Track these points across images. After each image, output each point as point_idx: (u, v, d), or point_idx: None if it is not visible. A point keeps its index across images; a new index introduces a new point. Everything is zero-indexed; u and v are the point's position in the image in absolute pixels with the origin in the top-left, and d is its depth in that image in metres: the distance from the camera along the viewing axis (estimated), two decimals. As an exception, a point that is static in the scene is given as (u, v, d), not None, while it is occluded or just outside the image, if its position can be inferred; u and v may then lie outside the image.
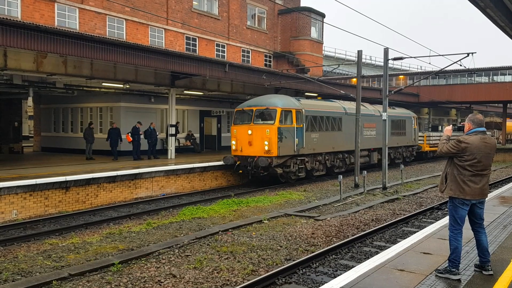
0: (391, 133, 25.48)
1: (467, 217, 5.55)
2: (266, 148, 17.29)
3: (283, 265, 7.82)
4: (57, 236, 10.62)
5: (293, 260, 8.16)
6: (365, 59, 62.17)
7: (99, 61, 16.10)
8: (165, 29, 26.19)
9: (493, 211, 9.64)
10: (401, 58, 18.21)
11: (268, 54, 34.05)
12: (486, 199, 5.64)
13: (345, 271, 6.86)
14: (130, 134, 20.00)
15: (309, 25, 34.50)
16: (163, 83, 20.18)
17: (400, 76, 46.83)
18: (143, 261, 8.27)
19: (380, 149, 24.45)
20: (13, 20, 12.93)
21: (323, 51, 39.30)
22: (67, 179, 13.53)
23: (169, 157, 20.79)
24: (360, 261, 8.09)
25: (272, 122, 17.52)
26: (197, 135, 26.66)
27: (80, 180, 13.94)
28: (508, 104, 41.20)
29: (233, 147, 18.43)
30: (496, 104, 52.84)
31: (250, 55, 32.51)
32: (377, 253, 8.24)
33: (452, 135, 5.62)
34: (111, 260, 8.11)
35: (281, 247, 9.18)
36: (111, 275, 7.49)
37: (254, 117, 18.00)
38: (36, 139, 26.99)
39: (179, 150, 23.75)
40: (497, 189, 15.45)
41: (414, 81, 36.93)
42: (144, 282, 7.18)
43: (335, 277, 6.69)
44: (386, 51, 17.82)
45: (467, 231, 5.70)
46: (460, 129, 5.75)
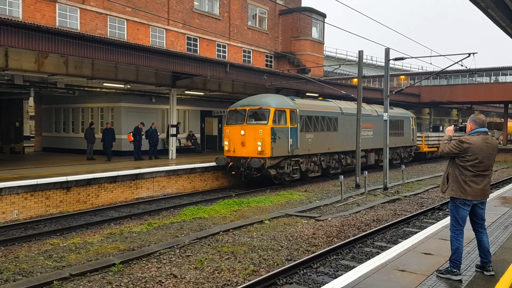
0: (388, 133, 25.28)
1: (468, 218, 5.54)
2: (259, 149, 16.91)
3: (284, 266, 7.81)
4: (58, 236, 10.63)
5: (294, 261, 8.15)
6: (366, 59, 62.13)
7: (100, 61, 16.12)
8: (166, 29, 26.21)
9: (494, 212, 9.62)
10: (402, 59, 18.20)
11: (269, 55, 34.05)
12: (487, 199, 5.63)
13: (346, 271, 6.85)
14: (132, 134, 20.01)
15: (310, 25, 34.51)
16: (164, 83, 20.19)
17: (401, 77, 46.80)
18: (144, 261, 8.27)
19: (378, 150, 24.36)
20: (14, 20, 12.95)
21: (324, 51, 39.31)
22: (68, 179, 13.54)
23: (170, 157, 20.80)
24: (361, 261, 8.08)
25: (265, 122, 17.14)
26: (198, 135, 26.67)
27: (81, 180, 13.95)
28: (509, 105, 41.08)
29: (226, 147, 18.05)
30: (497, 105, 52.83)
31: (251, 55, 32.52)
32: (378, 253, 8.23)
33: (453, 136, 5.61)
34: (112, 260, 8.11)
35: (282, 247, 9.18)
36: (112, 275, 7.50)
37: (247, 117, 17.62)
38: (37, 139, 27.02)
39: (180, 150, 23.76)
40: (498, 189, 15.43)
41: (415, 82, 36.91)
42: (145, 282, 7.18)
43: (336, 277, 6.68)
44: (387, 51, 17.82)
45: (468, 231, 5.69)
46: (462, 129, 5.74)
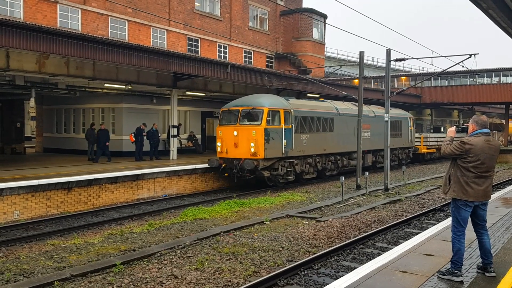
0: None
1: (469, 219, 5.53)
2: (252, 150, 16.53)
3: (285, 266, 7.81)
4: (59, 237, 10.63)
5: (295, 261, 8.14)
6: (367, 60, 62.12)
7: (101, 62, 16.12)
8: (167, 30, 26.22)
9: (495, 213, 9.60)
10: (403, 59, 18.20)
11: (270, 55, 34.05)
12: (489, 200, 5.62)
13: (347, 272, 6.84)
14: (134, 134, 20.02)
15: (311, 26, 34.50)
16: (165, 84, 20.20)
17: (402, 77, 46.77)
18: (144, 262, 8.27)
19: (375, 151, 24.14)
20: (16, 21, 12.95)
21: (325, 52, 39.31)
22: (69, 180, 13.55)
23: (171, 158, 20.80)
24: (362, 262, 8.07)
25: (258, 122, 16.76)
26: (199, 136, 26.68)
27: (82, 181, 13.96)
28: (510, 105, 41.04)
29: (218, 149, 17.71)
30: (498, 106, 52.78)
31: (252, 56, 32.52)
32: (379, 254, 8.22)
33: (455, 137, 5.60)
34: (112, 261, 8.11)
35: (283, 248, 9.17)
36: (113, 276, 7.50)
37: (240, 117, 17.24)
38: (38, 139, 27.04)
39: (181, 151, 23.76)
40: (499, 190, 15.41)
41: (416, 82, 36.94)
42: (145, 283, 7.18)
43: (337, 278, 6.67)
44: (388, 52, 17.81)
45: (469, 232, 5.68)
46: (463, 130, 5.73)
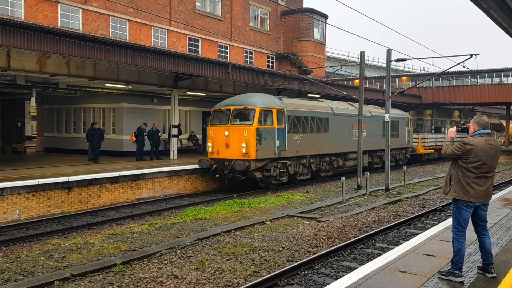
0: (382, 134, 23.92)
1: (470, 219, 5.52)
2: (244, 150, 16.12)
3: (285, 267, 7.80)
4: (60, 237, 10.64)
5: (295, 262, 8.14)
6: (368, 60, 62.11)
7: (102, 61, 16.13)
8: (168, 30, 26.23)
9: (496, 213, 9.59)
10: (404, 60, 18.18)
11: (271, 55, 34.05)
12: (489, 201, 5.61)
13: (347, 272, 6.84)
14: (135, 134, 20.02)
15: (312, 26, 34.50)
16: (165, 84, 20.20)
17: (403, 78, 46.76)
18: (145, 262, 8.27)
19: (371, 152, 23.93)
20: (16, 21, 12.97)
21: (325, 52, 39.29)
22: (69, 180, 13.55)
23: (171, 158, 20.80)
24: (362, 262, 8.06)
25: (250, 122, 16.32)
26: (199, 136, 26.68)
27: (82, 180, 13.96)
28: (511, 106, 41.01)
29: (209, 149, 17.29)
30: (499, 106, 52.74)
31: (253, 56, 32.52)
32: (379, 254, 8.21)
33: (456, 137, 5.60)
34: (113, 261, 8.11)
35: (283, 248, 9.16)
36: (113, 276, 7.50)
37: (232, 117, 16.78)
38: (39, 139, 27.06)
39: (182, 151, 23.76)
40: (500, 191, 15.39)
41: (417, 83, 36.91)
42: (146, 282, 7.18)
43: (337, 278, 6.67)
44: (389, 52, 17.80)
45: (470, 233, 5.68)
46: (464, 130, 5.75)
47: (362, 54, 18.59)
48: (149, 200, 15.51)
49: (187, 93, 22.46)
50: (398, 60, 18.43)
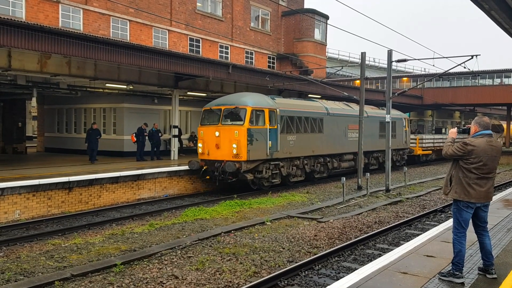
0: (379, 135, 24.19)
1: (470, 220, 5.51)
2: (235, 151, 15.68)
3: (286, 267, 7.79)
4: (60, 237, 10.64)
5: (296, 262, 8.13)
6: (369, 61, 62.12)
7: (103, 62, 16.14)
8: (168, 30, 26.24)
9: (496, 214, 9.58)
10: (404, 60, 18.17)
11: (272, 56, 34.06)
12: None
13: (348, 273, 6.84)
14: (135, 134, 20.03)
15: (313, 26, 34.50)
16: (166, 84, 20.21)
17: (404, 78, 46.77)
18: (145, 262, 8.27)
19: (367, 153, 23.67)
20: (17, 21, 12.97)
21: (326, 53, 39.30)
22: (70, 180, 13.56)
23: (172, 158, 20.80)
24: (363, 263, 8.05)
25: (241, 122, 15.87)
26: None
27: (83, 180, 13.97)
28: (512, 107, 41.02)
29: (200, 150, 16.85)
30: (500, 107, 52.72)
31: (254, 56, 32.53)
32: (380, 255, 8.20)
33: (456, 138, 5.59)
34: (113, 261, 8.11)
35: (283, 249, 9.16)
36: (113, 276, 7.49)
37: (223, 117, 16.36)
38: (40, 139, 27.08)
39: (182, 151, 23.76)
40: (500, 192, 15.37)
41: (418, 83, 36.86)
42: (146, 283, 7.17)
43: (337, 279, 6.66)
44: (389, 53, 17.79)
45: (470, 234, 5.67)
46: (465, 131, 5.72)
47: (363, 54, 18.57)
48: (150, 201, 15.52)
49: (188, 93, 22.46)
50: (399, 61, 18.42)
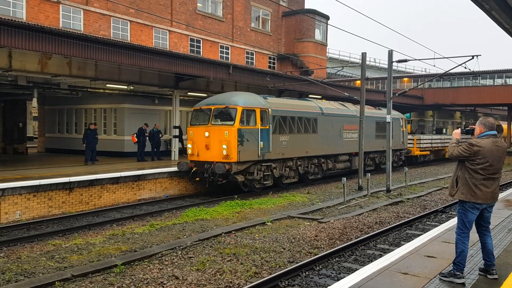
0: (375, 135, 23.99)
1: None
2: (225, 152, 15.29)
3: (286, 268, 7.79)
4: (60, 237, 10.64)
5: (296, 263, 8.12)
6: (369, 61, 62.14)
7: (104, 62, 16.15)
8: (169, 30, 26.26)
9: (498, 215, 9.56)
10: (405, 61, 18.17)
11: (272, 56, 34.06)
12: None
13: (349, 274, 6.83)
14: (136, 135, 20.03)
15: (313, 27, 34.51)
16: (167, 85, 20.22)
17: (405, 79, 46.76)
18: (146, 263, 8.26)
19: (364, 153, 23.85)
20: (18, 21, 12.98)
21: (327, 53, 39.33)
22: (70, 180, 13.56)
23: (172, 158, 20.81)
24: (363, 264, 8.05)
25: (231, 122, 15.47)
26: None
27: (83, 181, 13.97)
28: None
29: (189, 151, 16.42)
30: (501, 107, 52.69)
31: (254, 57, 32.53)
32: (380, 256, 8.19)
33: (460, 138, 5.58)
34: (114, 261, 8.11)
35: (284, 249, 9.15)
36: (114, 277, 7.49)
37: (212, 117, 15.93)
38: (41, 140, 27.11)
39: (183, 152, 23.74)
40: (502, 192, 15.33)
41: (419, 84, 36.87)
42: (146, 283, 7.17)
43: (338, 280, 6.65)
44: (390, 53, 17.78)
45: (472, 234, 5.66)
46: (468, 132, 5.70)
47: (364, 55, 18.57)
48: (150, 201, 15.52)
49: (189, 93, 22.47)
50: (399, 61, 18.41)
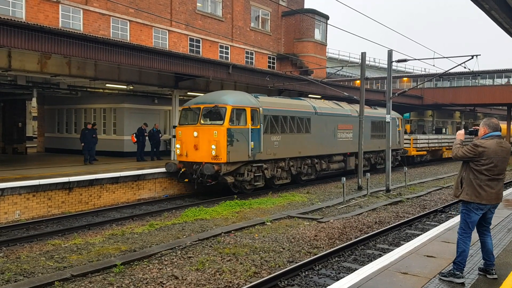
0: (370, 135, 23.91)
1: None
2: (214, 153, 14.90)
3: (286, 267, 7.78)
4: (60, 237, 10.63)
5: (296, 263, 8.13)
6: (369, 61, 62.14)
7: (103, 62, 16.14)
8: (169, 30, 26.24)
9: (497, 214, 9.51)
10: (405, 60, 18.17)
11: (272, 56, 34.05)
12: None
13: (348, 273, 6.83)
14: (135, 135, 20.03)
15: (313, 27, 34.49)
16: (166, 85, 20.20)
17: (404, 78, 46.77)
18: (145, 263, 8.26)
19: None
20: (18, 21, 12.96)
21: (326, 53, 39.30)
22: (70, 180, 13.56)
23: (172, 158, 20.77)
24: (363, 263, 8.05)
25: (221, 122, 15.07)
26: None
27: (83, 181, 13.96)
28: (512, 107, 40.97)
29: (178, 151, 16.14)
30: (500, 107, 52.70)
31: (254, 56, 32.52)
32: (380, 256, 8.19)
33: (464, 139, 5.57)
34: (113, 261, 8.10)
35: (283, 249, 9.15)
36: (113, 276, 7.49)
37: (201, 116, 15.57)
38: (40, 139, 27.09)
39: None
40: (501, 192, 15.36)
41: (418, 83, 36.88)
42: (146, 283, 7.16)
43: (338, 279, 6.65)
44: (390, 53, 17.79)
45: (472, 234, 5.66)
46: (472, 133, 5.69)
47: (363, 55, 18.57)
48: (150, 201, 15.51)
49: (188, 93, 22.45)
50: (399, 61, 18.41)
